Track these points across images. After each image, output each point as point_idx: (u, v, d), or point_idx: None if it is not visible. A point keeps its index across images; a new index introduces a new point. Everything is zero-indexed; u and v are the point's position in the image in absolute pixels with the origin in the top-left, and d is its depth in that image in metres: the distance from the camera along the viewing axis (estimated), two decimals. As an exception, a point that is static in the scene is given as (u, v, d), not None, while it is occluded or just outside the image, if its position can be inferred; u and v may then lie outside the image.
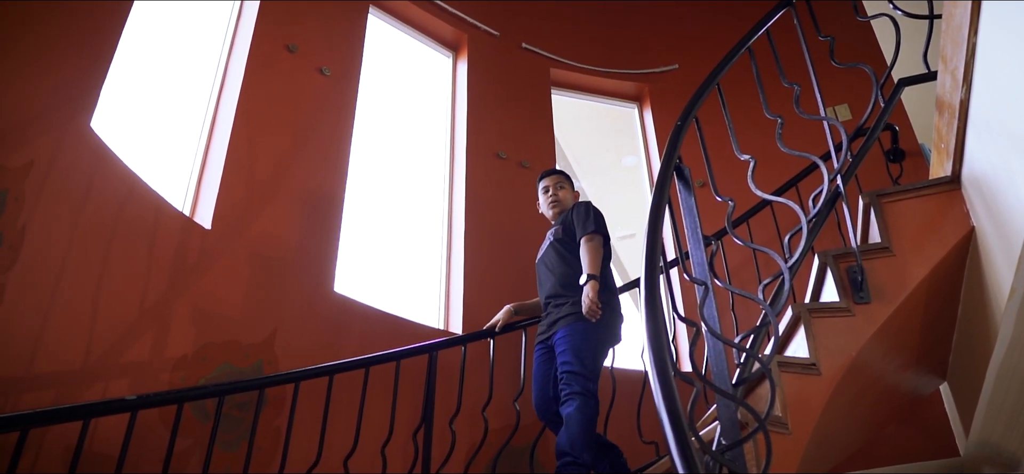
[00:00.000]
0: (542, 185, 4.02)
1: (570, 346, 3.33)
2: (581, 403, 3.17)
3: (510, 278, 4.46)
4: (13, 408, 2.51)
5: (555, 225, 3.85)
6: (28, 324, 2.67)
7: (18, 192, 2.73)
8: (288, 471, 2.94)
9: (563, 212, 3.87)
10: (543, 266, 3.77)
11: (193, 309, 3.23)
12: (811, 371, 2.71)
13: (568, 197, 3.95)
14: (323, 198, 4.03)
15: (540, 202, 4.03)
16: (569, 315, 3.43)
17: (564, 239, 3.70)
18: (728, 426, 2.24)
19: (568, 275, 3.57)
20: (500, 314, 3.82)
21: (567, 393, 3.22)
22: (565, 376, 3.27)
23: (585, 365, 3.27)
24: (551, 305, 3.59)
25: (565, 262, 3.63)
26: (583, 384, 3.22)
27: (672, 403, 1.65)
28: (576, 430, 3.12)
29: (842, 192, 2.95)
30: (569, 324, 3.40)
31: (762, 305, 2.47)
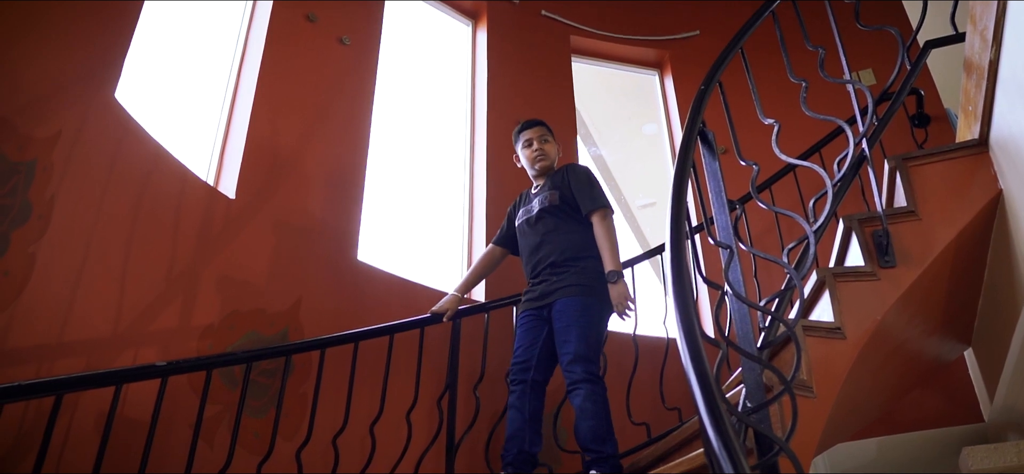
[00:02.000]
0: (524, 137, 3.66)
1: (574, 323, 3.13)
2: (591, 390, 3.00)
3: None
4: (47, 374, 2.56)
5: (544, 188, 3.53)
6: (59, 292, 2.71)
7: (46, 162, 2.76)
8: (315, 436, 2.98)
9: (548, 168, 3.60)
10: (533, 232, 3.46)
11: (219, 278, 3.26)
12: (836, 335, 2.71)
13: (553, 151, 3.64)
14: (345, 167, 4.04)
15: (519, 156, 3.70)
16: (571, 287, 3.22)
17: (561, 206, 3.41)
18: (753, 389, 2.23)
19: (570, 245, 3.33)
20: (446, 303, 3.51)
21: (574, 381, 3.03)
22: (567, 361, 3.07)
23: (590, 346, 3.09)
24: (546, 273, 3.34)
25: (567, 231, 3.37)
26: (589, 368, 3.04)
27: (700, 364, 1.66)
28: (592, 423, 2.95)
29: (867, 156, 2.93)
30: (571, 297, 3.20)
31: (787, 269, 2.46)
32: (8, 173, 2.62)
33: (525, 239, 3.52)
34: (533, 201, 3.54)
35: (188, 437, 2.74)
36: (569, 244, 3.34)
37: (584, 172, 3.49)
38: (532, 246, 3.45)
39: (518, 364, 3.26)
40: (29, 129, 2.72)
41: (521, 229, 3.56)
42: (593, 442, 2.93)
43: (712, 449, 1.46)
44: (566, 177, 3.48)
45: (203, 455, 2.74)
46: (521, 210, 3.63)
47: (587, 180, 3.44)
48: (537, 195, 3.54)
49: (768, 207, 2.74)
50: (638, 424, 3.59)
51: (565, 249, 3.33)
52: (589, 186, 3.41)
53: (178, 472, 2.58)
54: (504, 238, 3.72)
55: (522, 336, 3.33)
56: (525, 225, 3.53)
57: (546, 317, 3.28)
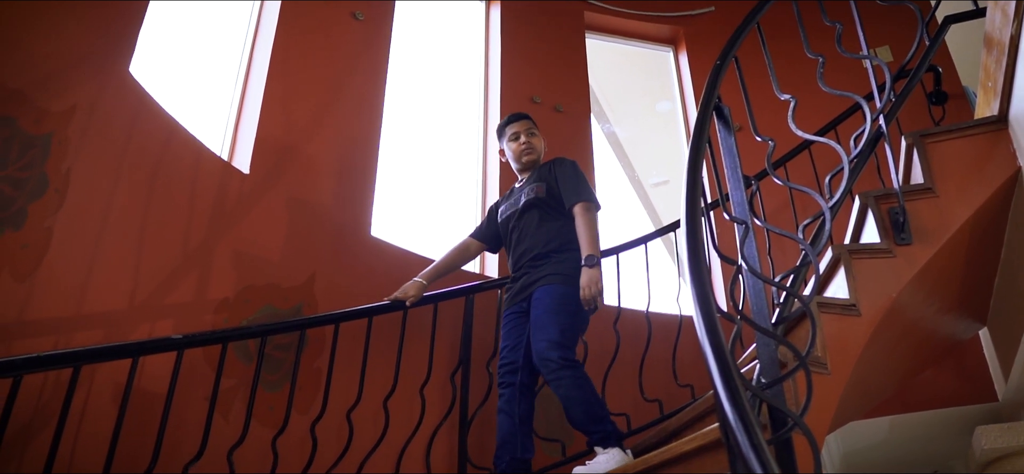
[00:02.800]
0: (511, 131, 3.57)
1: (551, 310, 3.04)
2: (573, 376, 2.91)
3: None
4: (65, 346, 2.58)
5: (529, 181, 3.45)
6: (76, 265, 2.73)
7: (62, 136, 2.78)
8: (330, 410, 2.99)
9: (536, 161, 3.52)
10: (517, 226, 3.39)
11: (234, 252, 3.27)
12: (851, 312, 2.70)
13: (540, 145, 3.55)
14: (358, 143, 4.04)
15: (505, 151, 3.62)
16: (549, 276, 3.15)
17: (547, 200, 3.32)
18: (768, 364, 2.23)
19: (553, 238, 3.25)
20: (409, 288, 3.31)
21: (554, 370, 2.92)
22: (542, 349, 2.97)
23: (565, 334, 2.99)
24: (527, 266, 3.27)
25: (550, 225, 3.29)
26: (563, 354, 2.94)
27: (715, 337, 1.65)
28: (583, 408, 2.88)
29: (884, 132, 2.91)
30: (550, 285, 3.12)
31: (802, 245, 2.45)
32: (25, 146, 2.63)
33: (509, 231, 3.44)
34: (519, 195, 3.46)
35: (204, 410, 2.76)
36: (552, 236, 3.26)
37: (571, 165, 3.40)
38: (516, 240, 3.38)
39: (505, 365, 3.17)
40: (45, 103, 2.73)
41: (506, 223, 3.47)
42: (590, 423, 2.88)
43: (727, 422, 1.46)
44: (553, 170, 3.41)
45: (219, 428, 2.76)
46: (506, 204, 3.55)
47: (573, 173, 3.35)
48: (523, 188, 3.46)
49: (784, 183, 2.73)
50: (651, 401, 3.60)
51: (548, 241, 3.25)
52: (574, 179, 3.32)
53: (194, 444, 2.60)
54: (482, 233, 3.63)
55: (506, 335, 3.25)
56: (511, 219, 3.44)
57: (527, 310, 3.20)
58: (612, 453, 2.80)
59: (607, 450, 2.82)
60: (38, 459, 2.33)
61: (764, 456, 1.35)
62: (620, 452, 2.82)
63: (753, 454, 1.36)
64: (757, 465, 1.34)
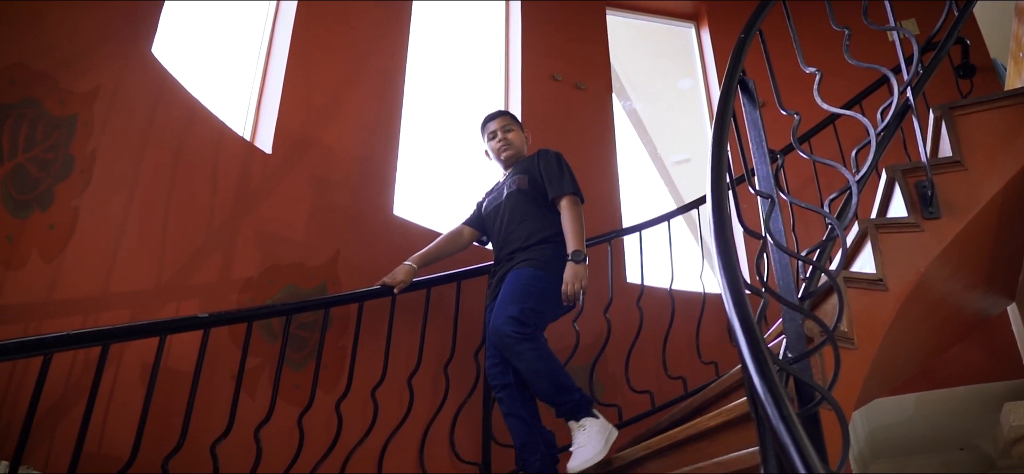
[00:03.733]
0: (488, 130, 3.58)
1: (515, 288, 2.98)
2: (532, 349, 2.82)
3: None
4: (93, 324, 2.61)
5: (511, 174, 3.44)
6: (102, 245, 2.75)
7: (87, 117, 2.79)
8: (354, 389, 3.01)
9: (515, 157, 3.52)
10: (502, 220, 3.34)
11: (258, 232, 3.29)
12: (878, 287, 2.67)
13: (518, 140, 3.55)
14: (380, 122, 4.05)
15: (487, 150, 3.61)
16: (523, 261, 3.11)
17: (529, 191, 3.29)
18: (794, 339, 2.22)
19: (536, 231, 3.19)
20: (399, 272, 3.22)
21: (511, 345, 2.83)
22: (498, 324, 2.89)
23: (525, 313, 2.90)
24: (506, 259, 3.25)
25: (534, 218, 3.24)
26: (518, 328, 2.85)
27: (743, 309, 1.64)
28: (549, 378, 2.79)
29: (912, 105, 2.86)
30: (520, 268, 3.07)
31: (828, 218, 2.43)
32: (50, 128, 2.65)
33: (492, 224, 3.42)
34: (503, 186, 3.44)
35: (230, 388, 2.78)
36: (535, 228, 3.20)
37: (554, 157, 3.34)
38: (498, 231, 3.35)
39: (494, 368, 3.05)
40: (69, 84, 2.74)
41: (489, 214, 3.46)
42: (557, 393, 2.79)
43: (757, 394, 1.45)
44: (536, 162, 3.37)
45: (245, 406, 2.78)
46: (489, 197, 3.53)
47: (557, 165, 3.30)
48: (506, 181, 3.45)
49: (809, 157, 2.70)
50: (674, 378, 3.59)
51: (531, 234, 3.19)
52: (558, 171, 3.27)
53: (222, 422, 2.62)
54: (474, 221, 3.58)
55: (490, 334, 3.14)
56: (493, 210, 3.42)
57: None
58: (590, 428, 2.73)
59: (582, 424, 2.75)
60: (69, 436, 2.36)
61: (794, 428, 1.34)
62: (596, 421, 2.76)
63: (783, 426, 1.35)
64: (787, 437, 1.33)
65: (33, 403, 2.08)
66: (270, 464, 2.70)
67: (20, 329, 2.41)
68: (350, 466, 2.95)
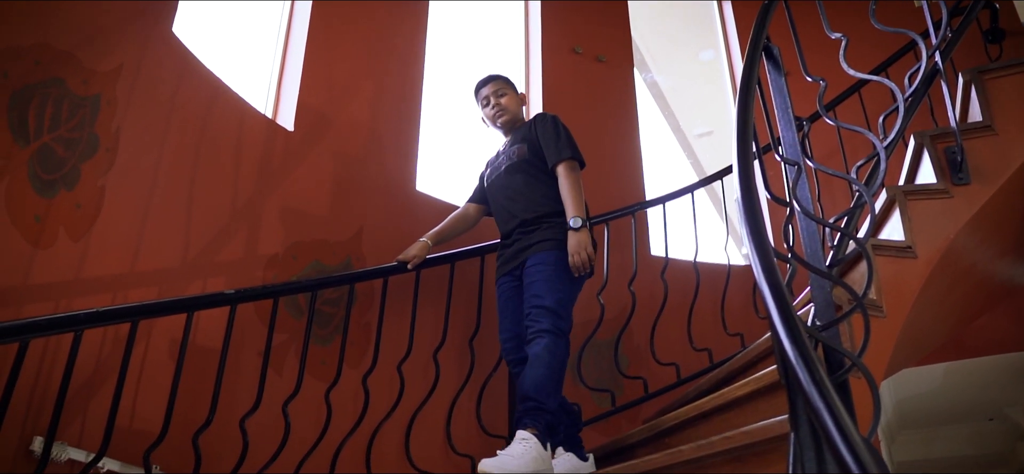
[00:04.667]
0: (481, 96, 3.44)
1: (543, 277, 2.91)
2: (550, 342, 2.76)
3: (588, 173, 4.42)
4: (122, 301, 2.63)
5: (512, 142, 3.33)
6: (129, 224, 2.77)
7: (110, 96, 2.80)
8: (380, 363, 3.02)
9: (512, 122, 3.40)
10: (502, 190, 3.26)
11: (281, 209, 3.30)
12: (906, 254, 2.65)
13: (513, 103, 3.41)
14: (401, 98, 4.04)
15: (482, 117, 3.48)
16: (542, 242, 3.00)
17: (531, 159, 3.20)
18: (823, 306, 2.19)
19: (539, 200, 3.11)
20: (414, 249, 3.21)
21: (535, 330, 2.80)
22: (533, 311, 2.84)
23: (560, 302, 2.86)
24: (517, 233, 3.13)
25: (534, 186, 3.15)
26: (554, 322, 2.80)
27: (772, 274, 1.62)
28: (543, 372, 2.70)
29: (941, 69, 2.82)
30: (543, 252, 2.98)
31: (856, 185, 2.40)
32: (75, 107, 2.66)
33: (495, 197, 3.32)
34: (503, 156, 3.34)
35: (257, 364, 2.80)
36: (541, 199, 3.11)
37: (551, 121, 3.23)
38: (502, 204, 3.26)
39: (508, 342, 3.06)
40: (92, 63, 2.76)
41: (491, 187, 3.35)
42: (534, 391, 2.67)
43: (787, 358, 1.43)
44: (533, 129, 3.26)
45: (272, 382, 2.80)
46: (490, 168, 3.43)
47: (553, 130, 3.19)
48: (506, 150, 3.35)
49: (836, 123, 2.66)
50: (700, 350, 3.58)
51: (537, 205, 3.10)
52: (555, 136, 3.17)
53: (250, 398, 2.64)
54: (479, 197, 3.51)
55: (503, 308, 3.14)
56: (495, 182, 3.32)
57: (520, 278, 3.07)
58: (532, 444, 2.53)
59: (528, 438, 2.55)
60: (101, 412, 2.38)
61: (827, 392, 1.33)
62: (541, 448, 2.55)
63: (815, 390, 1.34)
64: (819, 401, 1.32)
65: (65, 379, 2.11)
66: (299, 438, 2.72)
67: (50, 307, 2.44)
68: (378, 439, 2.97)
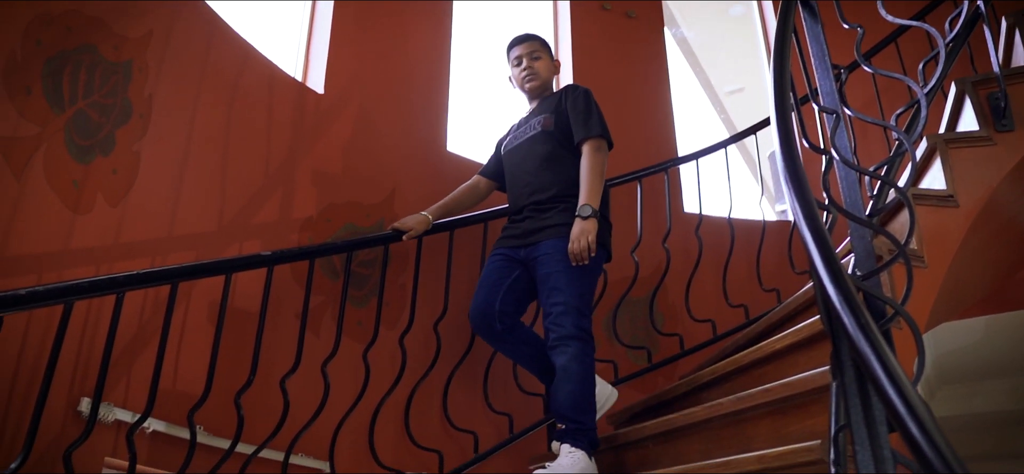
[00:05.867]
0: (513, 55, 3.25)
1: (564, 269, 2.71)
2: (577, 351, 2.59)
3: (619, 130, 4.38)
4: (161, 265, 2.66)
5: (537, 111, 3.15)
6: (165, 189, 2.80)
7: (142, 63, 2.82)
8: (417, 323, 3.04)
9: (542, 88, 3.21)
10: (520, 161, 3.08)
11: (314, 172, 3.30)
12: (948, 203, 2.60)
13: (546, 69, 3.22)
14: (430, 58, 4.02)
15: (511, 76, 3.30)
16: (560, 227, 2.80)
17: (556, 132, 3.00)
18: (863, 256, 2.15)
19: (561, 178, 2.92)
20: (413, 221, 3.06)
21: (559, 336, 2.62)
22: (554, 310, 2.66)
23: (582, 298, 2.70)
24: (530, 209, 2.94)
25: (556, 162, 2.96)
26: (578, 323, 2.63)
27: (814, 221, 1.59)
28: (577, 388, 2.56)
29: (982, 12, 2.75)
30: (560, 239, 2.77)
31: (896, 132, 2.34)
32: (107, 73, 2.68)
33: (513, 167, 3.13)
34: (527, 124, 3.15)
35: (294, 327, 2.82)
36: (561, 177, 2.93)
37: (583, 95, 3.04)
38: (519, 175, 3.07)
39: (480, 315, 2.89)
40: (123, 29, 2.76)
41: (509, 155, 3.18)
42: (573, 410, 2.56)
43: (831, 304, 1.42)
44: (562, 100, 3.07)
45: (310, 343, 2.82)
46: (510, 135, 3.25)
47: (585, 104, 3.00)
48: (531, 118, 3.16)
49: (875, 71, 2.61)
50: (735, 306, 3.56)
51: (556, 183, 2.92)
52: (585, 111, 2.97)
53: (289, 359, 2.66)
54: (492, 170, 3.35)
55: (485, 278, 2.96)
56: (514, 151, 3.14)
57: (522, 259, 2.90)
58: (578, 457, 2.49)
59: (574, 451, 2.50)
60: (144, 374, 2.42)
61: (873, 335, 1.31)
62: (587, 459, 2.50)
63: (861, 334, 1.32)
64: (866, 345, 1.30)
65: (109, 341, 2.14)
66: (338, 397, 2.75)
67: (91, 271, 2.47)
68: (417, 396, 3.01)
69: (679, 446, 2.46)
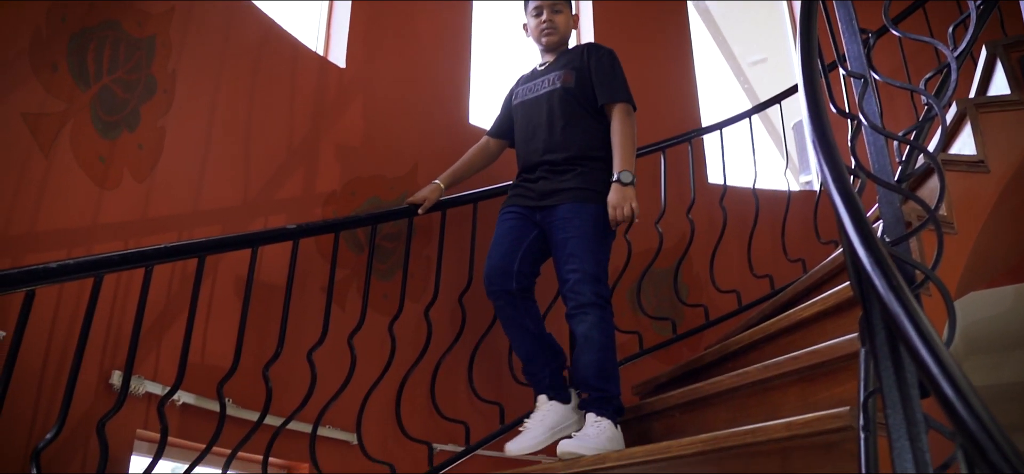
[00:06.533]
0: (532, 5, 3.10)
1: (581, 234, 2.66)
2: (597, 318, 2.55)
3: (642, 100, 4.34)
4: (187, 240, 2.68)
5: (556, 66, 3.03)
6: (190, 164, 2.81)
7: (165, 38, 2.83)
8: (441, 296, 3.05)
9: (559, 43, 3.09)
10: (535, 116, 2.97)
11: (337, 146, 3.31)
12: (978, 169, 2.56)
13: (565, 24, 3.09)
14: (451, 29, 4.00)
15: (528, 26, 3.15)
16: (578, 191, 2.74)
17: (577, 90, 2.89)
18: (892, 222, 2.13)
19: (578, 138, 2.83)
20: (427, 191, 3.02)
21: (578, 304, 2.58)
22: (572, 277, 2.62)
23: (600, 264, 2.65)
24: (545, 169, 2.85)
25: (576, 122, 2.86)
26: (597, 290, 2.59)
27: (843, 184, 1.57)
28: (600, 356, 2.53)
29: (1015, -28, 2.70)
30: (578, 204, 2.72)
31: (926, 97, 2.31)
32: (131, 49, 2.69)
33: (526, 120, 3.02)
34: (542, 78, 3.03)
35: (320, 301, 2.84)
36: (582, 140, 2.84)
37: (608, 56, 2.96)
38: (533, 130, 2.96)
39: (495, 271, 2.80)
40: (145, 5, 2.77)
41: (523, 108, 3.06)
42: (597, 378, 2.53)
43: (862, 266, 1.40)
44: (586, 58, 2.96)
45: (336, 316, 2.83)
46: (523, 87, 3.12)
47: (611, 66, 2.92)
48: (548, 72, 3.04)
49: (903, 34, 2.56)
50: (760, 276, 3.54)
51: (574, 144, 2.83)
52: (612, 73, 2.89)
53: (315, 332, 2.68)
54: (499, 129, 3.25)
55: (502, 236, 2.86)
56: (529, 106, 3.02)
57: (537, 221, 2.83)
58: (604, 426, 2.47)
59: (600, 420, 2.48)
60: (174, 347, 2.45)
61: (905, 297, 1.30)
62: (613, 427, 2.48)
63: (893, 296, 1.31)
64: (898, 306, 1.28)
65: (139, 314, 2.16)
66: (365, 369, 2.76)
67: (119, 246, 2.50)
68: (442, 369, 3.02)
69: (706, 415, 2.46)
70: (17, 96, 2.33)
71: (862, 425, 1.45)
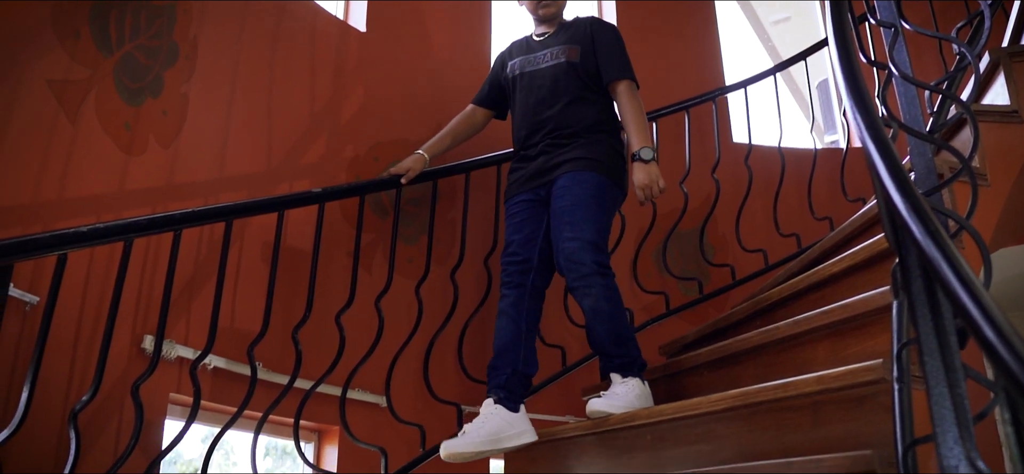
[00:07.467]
0: None
1: (580, 201, 2.60)
2: (602, 289, 2.49)
3: (665, 60, 4.31)
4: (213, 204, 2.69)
5: (556, 40, 2.93)
6: (214, 130, 2.82)
7: (185, 5, 2.83)
8: (467, 259, 3.05)
9: (556, 16, 2.99)
10: (538, 88, 2.86)
11: (359, 111, 3.30)
12: (1012, 119, 2.52)
13: None
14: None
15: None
16: (577, 160, 2.68)
17: (581, 64, 2.82)
18: (924, 173, 2.10)
19: (581, 113, 2.77)
20: (410, 162, 2.90)
21: (581, 274, 2.50)
22: (570, 246, 2.53)
23: (600, 232, 2.59)
24: (545, 145, 2.78)
25: (584, 100, 2.80)
26: (597, 258, 2.52)
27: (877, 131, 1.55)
28: (612, 325, 2.48)
29: (1049, -82, 2.63)
30: (577, 172, 2.66)
31: (958, 46, 2.26)
32: (152, 16, 2.69)
33: (527, 94, 2.90)
34: (542, 51, 2.94)
35: (346, 264, 2.85)
36: (583, 112, 2.78)
37: (613, 32, 2.90)
38: (533, 105, 2.86)
39: (515, 261, 2.71)
40: (168, -28, 2.77)
41: (521, 82, 2.94)
42: (615, 346, 2.49)
43: (897, 212, 1.38)
44: (590, 33, 2.89)
45: (363, 280, 2.83)
46: (521, 58, 3.01)
47: (616, 43, 2.86)
48: (547, 46, 2.94)
49: (934, -16, 2.52)
50: (787, 235, 3.51)
51: (577, 118, 2.77)
52: (618, 50, 2.84)
53: (342, 296, 2.69)
54: (487, 98, 3.15)
55: (518, 226, 2.76)
56: (529, 78, 2.92)
57: (543, 198, 2.76)
58: (632, 384, 2.44)
59: (627, 379, 2.46)
60: (204, 313, 2.47)
61: (943, 240, 1.27)
62: (640, 384, 2.45)
63: (931, 241, 1.28)
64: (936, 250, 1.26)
65: (169, 279, 2.18)
66: (392, 332, 2.77)
67: (147, 211, 2.52)
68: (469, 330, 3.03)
69: (735, 371, 2.45)
70: (42, 64, 2.35)
71: (896, 377, 1.43)
